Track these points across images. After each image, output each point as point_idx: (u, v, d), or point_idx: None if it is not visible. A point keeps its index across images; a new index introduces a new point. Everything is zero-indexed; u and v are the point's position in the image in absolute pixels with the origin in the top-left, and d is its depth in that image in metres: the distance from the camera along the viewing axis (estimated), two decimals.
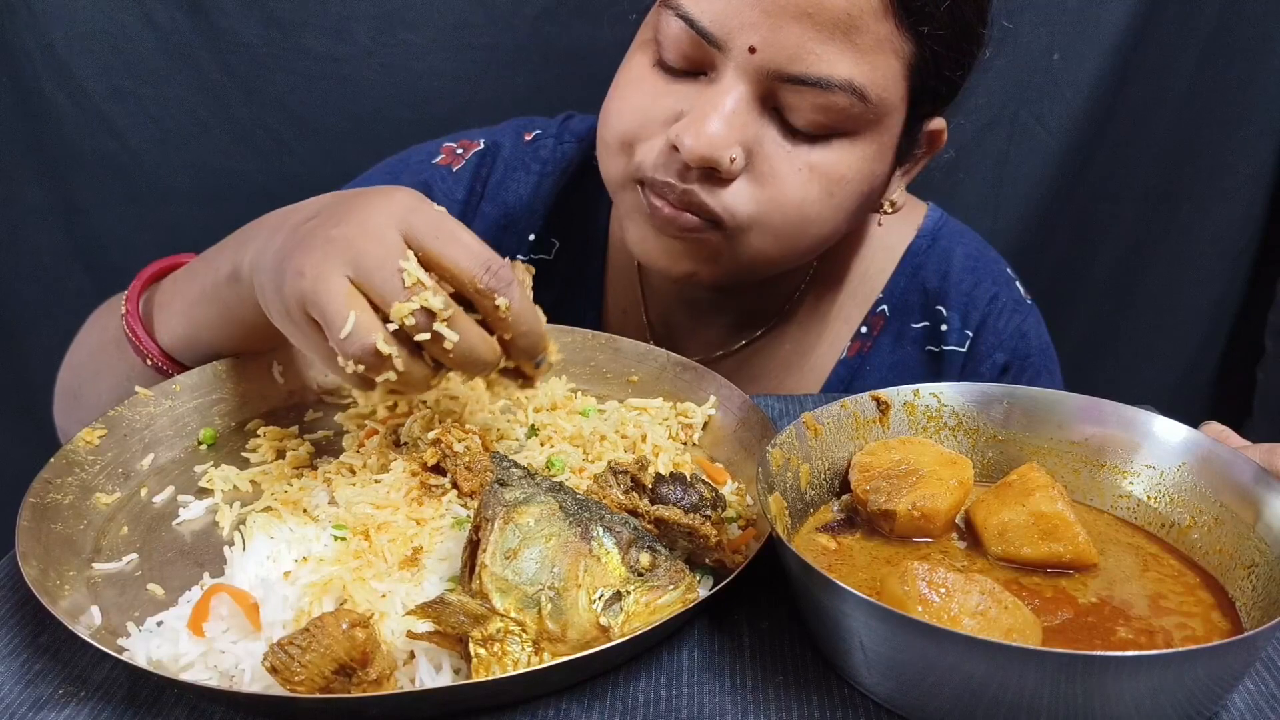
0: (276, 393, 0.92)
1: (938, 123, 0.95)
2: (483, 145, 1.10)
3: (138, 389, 0.85)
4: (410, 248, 0.68)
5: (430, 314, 0.67)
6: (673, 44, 0.85)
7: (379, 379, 0.69)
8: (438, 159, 1.10)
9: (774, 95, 0.84)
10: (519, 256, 1.11)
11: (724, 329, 1.10)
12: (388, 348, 0.67)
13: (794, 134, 0.85)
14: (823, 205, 0.88)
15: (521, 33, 1.55)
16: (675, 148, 0.84)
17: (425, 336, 0.68)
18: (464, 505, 0.73)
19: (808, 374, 1.11)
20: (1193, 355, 1.91)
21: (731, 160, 0.83)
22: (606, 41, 1.60)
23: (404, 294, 0.66)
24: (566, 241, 1.12)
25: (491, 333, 0.71)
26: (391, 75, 1.55)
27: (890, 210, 1.00)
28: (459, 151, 1.10)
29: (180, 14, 1.51)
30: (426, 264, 0.68)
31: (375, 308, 0.67)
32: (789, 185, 0.86)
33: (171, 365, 0.88)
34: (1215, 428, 0.76)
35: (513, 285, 0.70)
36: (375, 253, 0.67)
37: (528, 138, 1.11)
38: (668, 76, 0.87)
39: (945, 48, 0.85)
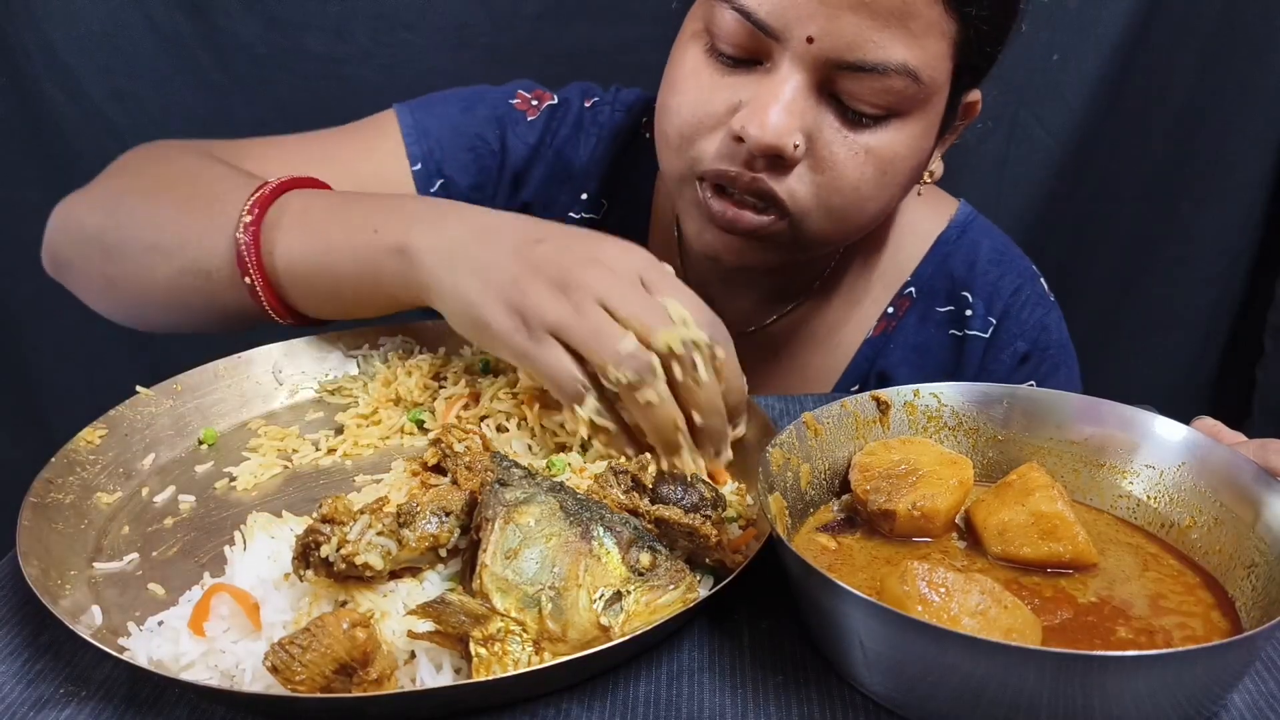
0: (276, 393, 0.92)
1: (974, 94, 0.98)
2: (555, 100, 1.14)
3: (138, 388, 0.85)
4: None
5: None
6: (727, 35, 0.86)
7: (638, 396, 0.73)
8: (514, 101, 1.14)
9: (831, 82, 0.85)
10: (571, 213, 1.15)
11: (757, 302, 1.12)
12: (658, 367, 0.72)
13: (850, 119, 0.87)
14: (877, 185, 0.90)
15: (521, 33, 1.55)
16: (739, 138, 0.86)
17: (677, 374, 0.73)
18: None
19: (834, 351, 1.13)
20: (1193, 355, 1.91)
21: (795, 147, 0.85)
22: (607, 42, 1.61)
23: (668, 324, 0.73)
24: (614, 204, 1.15)
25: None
26: (391, 75, 1.55)
27: (929, 180, 1.02)
28: (534, 102, 1.14)
29: (180, 14, 1.51)
30: None
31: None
32: (847, 169, 0.88)
33: (269, 293, 0.87)
34: (1207, 423, 0.76)
35: (729, 342, 0.76)
36: (632, 293, 0.74)
37: (587, 103, 1.15)
38: (722, 68, 0.89)
39: (988, 25, 0.87)
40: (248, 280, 0.87)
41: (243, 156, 1.02)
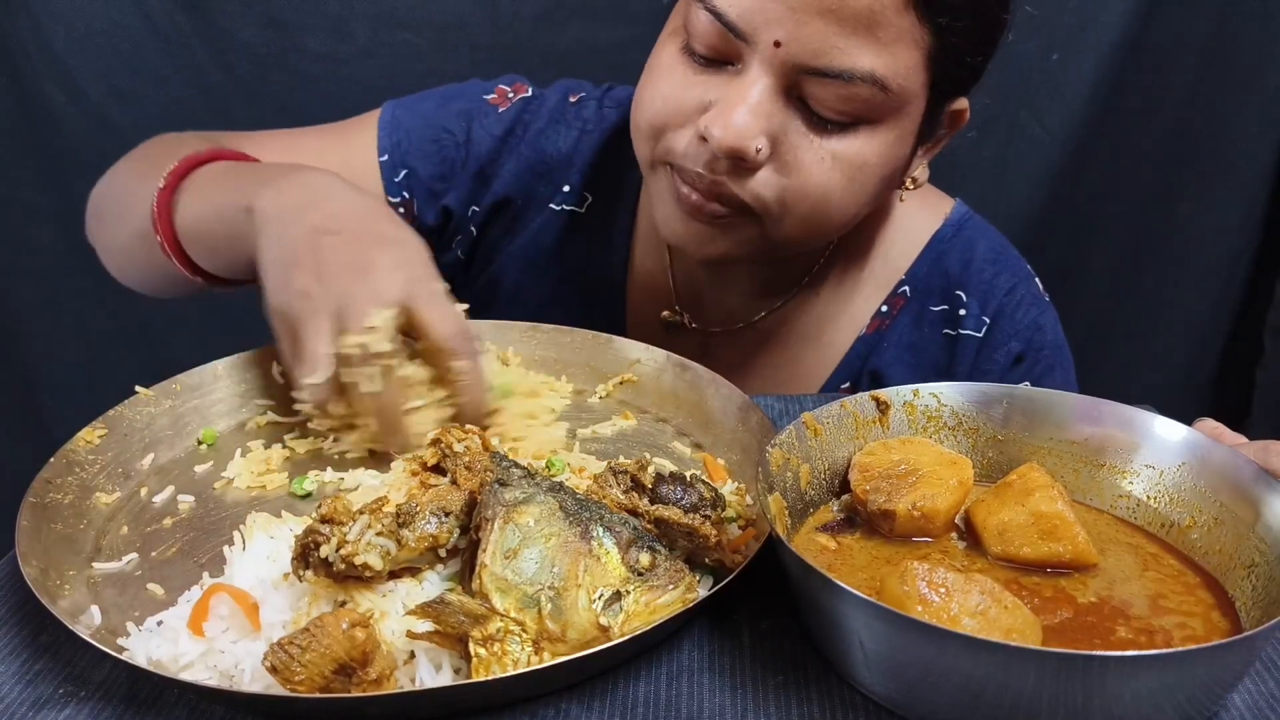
0: (276, 393, 0.92)
1: (960, 103, 0.97)
2: (530, 93, 1.16)
3: (138, 388, 0.85)
4: (401, 305, 0.79)
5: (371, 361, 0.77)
6: (700, 35, 0.87)
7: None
8: (489, 96, 1.15)
9: (798, 86, 0.85)
10: (552, 205, 1.15)
11: (746, 297, 1.12)
12: (327, 391, 0.78)
13: (817, 124, 0.87)
14: (844, 191, 0.90)
15: (520, 33, 1.56)
16: (704, 138, 0.86)
17: (355, 376, 0.77)
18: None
19: (826, 348, 1.13)
20: (1193, 355, 1.91)
21: (757, 150, 0.86)
22: (605, 42, 1.61)
23: (360, 331, 0.77)
24: (599, 198, 1.15)
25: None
26: (391, 75, 1.55)
27: (912, 186, 1.02)
28: (510, 95, 1.15)
29: (180, 14, 1.51)
30: (413, 324, 0.79)
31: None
32: (812, 174, 0.88)
33: (175, 250, 0.95)
34: (1209, 424, 0.76)
35: (477, 356, 0.82)
36: (362, 298, 0.78)
37: (573, 99, 1.16)
38: (696, 67, 0.89)
39: (965, 37, 0.87)
40: (157, 238, 0.94)
41: (245, 148, 1.05)
